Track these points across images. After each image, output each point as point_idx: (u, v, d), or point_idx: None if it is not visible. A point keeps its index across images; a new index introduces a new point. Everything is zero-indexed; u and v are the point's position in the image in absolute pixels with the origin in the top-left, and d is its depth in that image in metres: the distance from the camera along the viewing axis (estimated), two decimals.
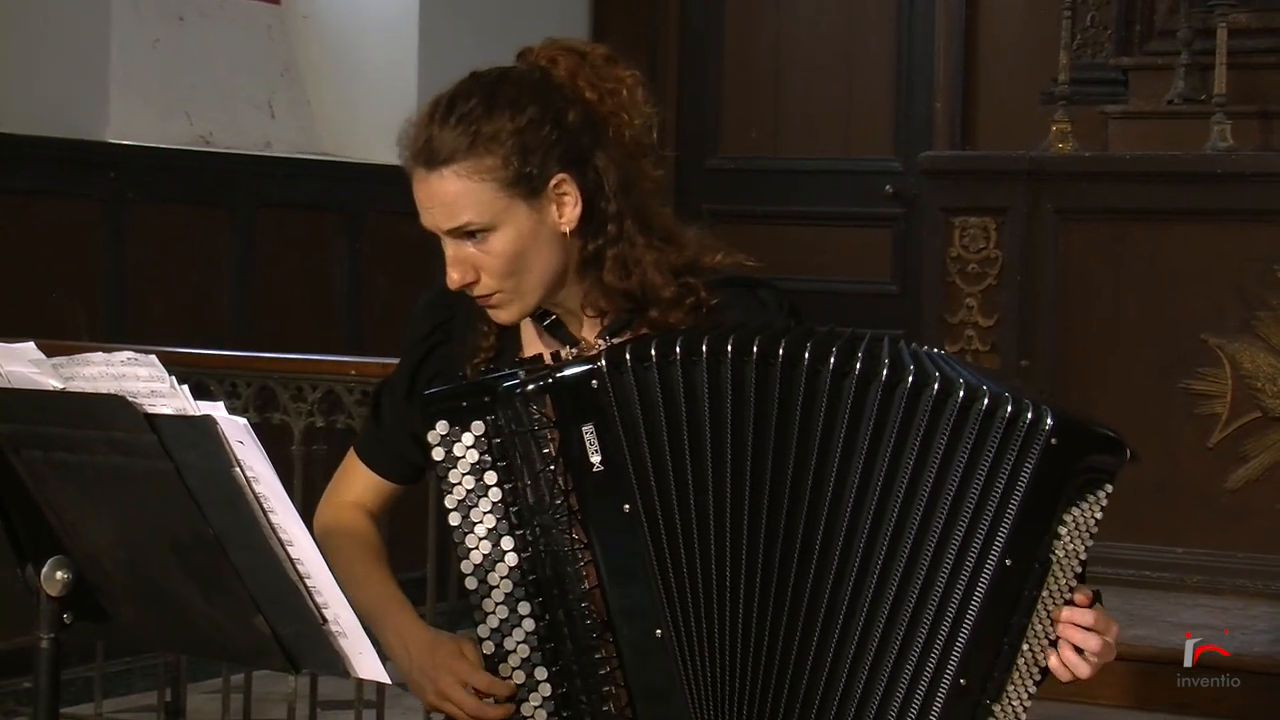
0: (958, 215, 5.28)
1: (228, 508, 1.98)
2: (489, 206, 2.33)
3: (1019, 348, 5.15)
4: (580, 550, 2.25)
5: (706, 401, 2.24)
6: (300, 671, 2.17)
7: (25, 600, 2.11)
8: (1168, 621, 4.53)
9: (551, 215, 2.35)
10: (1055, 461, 2.21)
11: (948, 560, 2.23)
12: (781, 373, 2.24)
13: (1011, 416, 2.21)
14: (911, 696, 2.24)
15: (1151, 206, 5.12)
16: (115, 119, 5.68)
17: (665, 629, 2.25)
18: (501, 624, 2.28)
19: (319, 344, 5.49)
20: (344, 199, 6.30)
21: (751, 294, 2.46)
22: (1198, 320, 5.01)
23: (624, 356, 2.26)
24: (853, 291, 6.90)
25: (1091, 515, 2.26)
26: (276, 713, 4.61)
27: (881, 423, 2.23)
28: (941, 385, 2.22)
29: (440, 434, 2.29)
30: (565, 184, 2.35)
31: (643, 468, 2.25)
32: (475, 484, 2.28)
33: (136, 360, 1.98)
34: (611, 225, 2.38)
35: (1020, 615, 2.24)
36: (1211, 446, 4.98)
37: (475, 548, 2.27)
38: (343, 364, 4.39)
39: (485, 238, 2.34)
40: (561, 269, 2.39)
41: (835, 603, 2.25)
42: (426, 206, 2.37)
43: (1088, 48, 6.01)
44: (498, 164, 2.32)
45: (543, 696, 2.27)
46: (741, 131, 7.36)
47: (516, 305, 2.40)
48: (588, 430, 2.25)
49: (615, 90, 2.41)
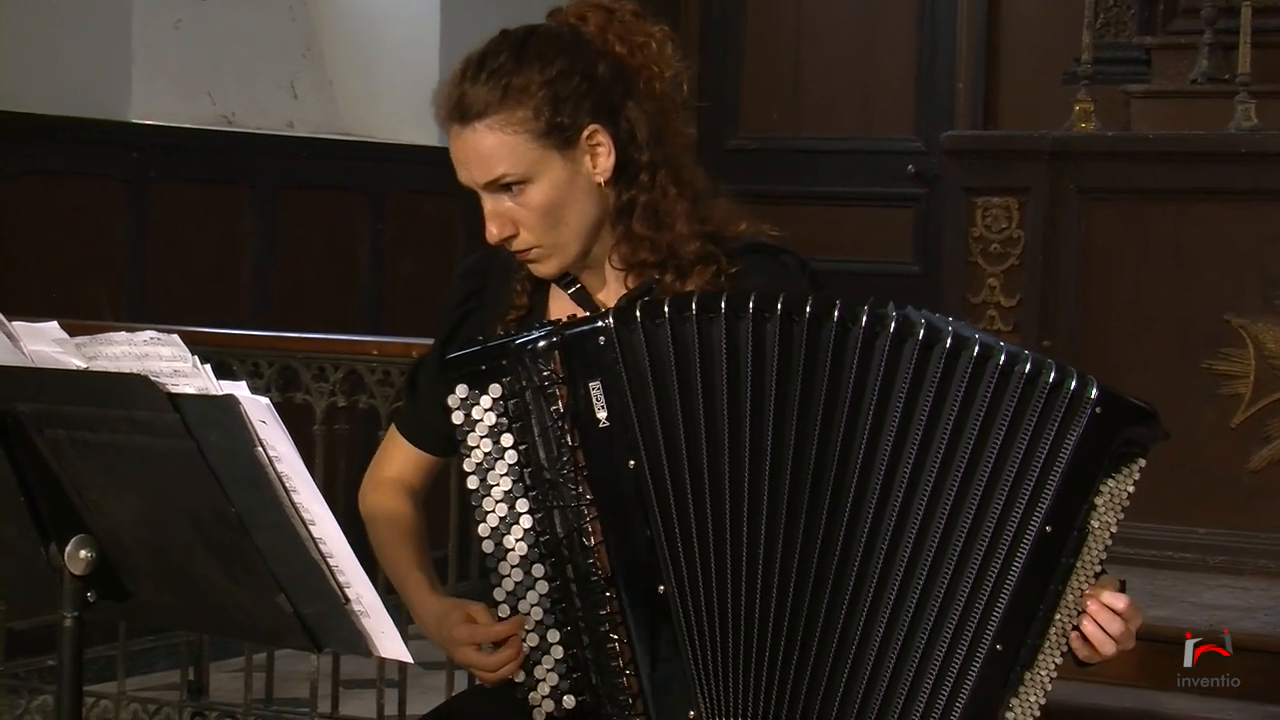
0: (980, 195, 5.25)
1: (250, 487, 1.98)
2: (523, 158, 2.35)
3: (1041, 328, 5.13)
4: (586, 506, 2.26)
5: (724, 358, 2.23)
6: (322, 651, 2.17)
7: (49, 579, 2.12)
8: (1190, 602, 4.51)
9: (586, 166, 2.39)
10: (1098, 430, 2.21)
11: (988, 524, 2.22)
12: (808, 330, 2.23)
13: (1055, 383, 2.21)
14: (949, 661, 2.23)
15: (1174, 186, 5.09)
16: (138, 99, 5.69)
17: (668, 585, 2.25)
18: (516, 587, 2.29)
19: (341, 324, 5.51)
20: (366, 179, 6.30)
21: (773, 259, 2.47)
22: (1220, 300, 4.99)
23: (634, 314, 2.26)
24: (874, 272, 6.89)
25: (1124, 489, 2.26)
26: (299, 691, 4.62)
27: (918, 382, 2.22)
28: (981, 348, 2.22)
29: (460, 397, 2.31)
30: (598, 134, 2.38)
31: (650, 424, 2.25)
32: (493, 446, 2.29)
33: (159, 340, 1.99)
34: (644, 174, 2.41)
35: (1056, 583, 2.23)
36: (1234, 427, 4.95)
37: (492, 510, 2.29)
38: (365, 344, 4.40)
39: (522, 190, 2.37)
40: (598, 220, 2.41)
41: (865, 564, 2.24)
42: (462, 162, 2.40)
43: (1111, 27, 5.98)
44: (529, 116, 2.35)
45: (554, 659, 2.28)
46: (763, 112, 7.35)
47: (556, 258, 2.42)
48: (594, 386, 2.26)
49: (645, 44, 2.45)
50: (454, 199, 6.47)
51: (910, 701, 2.24)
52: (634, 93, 2.42)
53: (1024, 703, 2.25)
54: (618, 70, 2.41)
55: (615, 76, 2.41)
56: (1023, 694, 2.25)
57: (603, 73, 2.40)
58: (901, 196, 7.13)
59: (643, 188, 2.41)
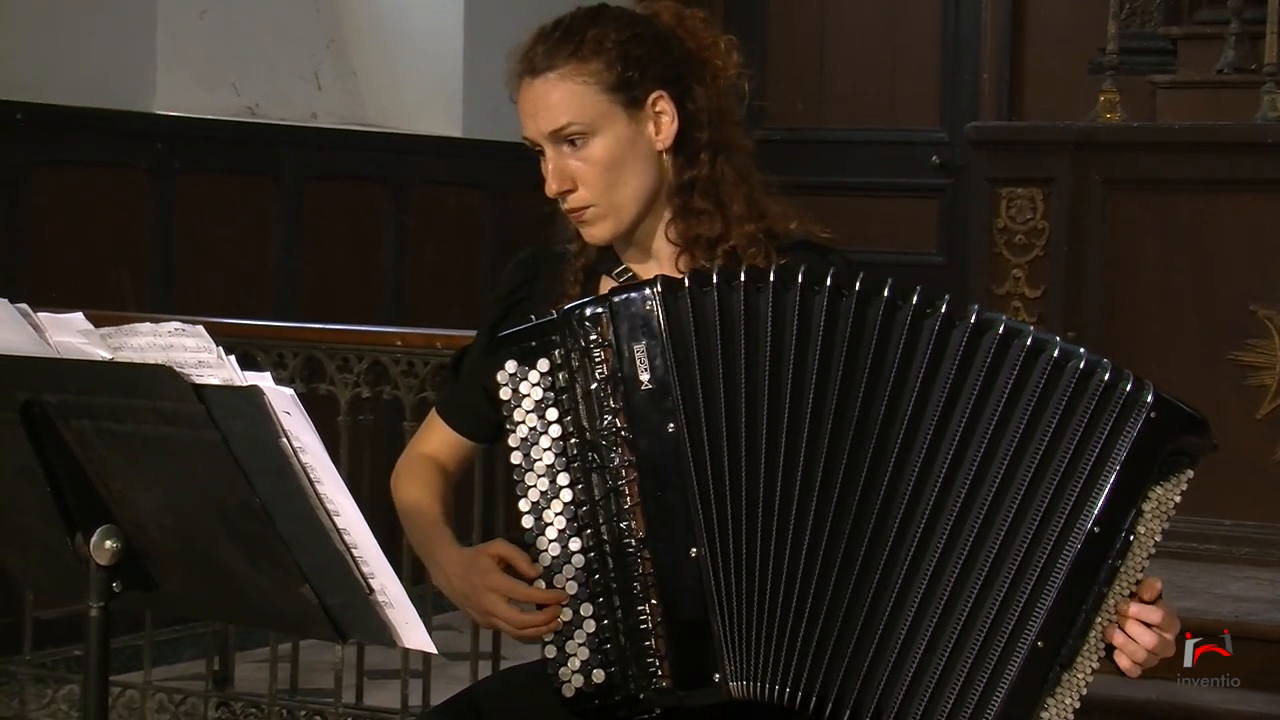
0: (1005, 186, 5.24)
1: (274, 477, 1.99)
2: (590, 109, 2.40)
3: (1066, 319, 5.11)
4: (626, 468, 2.27)
5: (769, 327, 2.25)
6: (347, 641, 2.18)
7: (75, 569, 2.13)
8: (1215, 594, 4.50)
9: (649, 131, 2.43)
10: (1152, 435, 2.19)
11: (1033, 517, 2.21)
12: (856, 306, 2.24)
13: (1110, 383, 2.20)
14: (986, 652, 2.21)
15: (1200, 177, 5.07)
16: (162, 90, 5.70)
17: (700, 548, 2.26)
18: (554, 561, 2.31)
19: (365, 315, 5.51)
20: (390, 170, 6.31)
21: (821, 257, 2.48)
22: (1246, 291, 4.97)
23: (681, 282, 2.29)
24: (899, 262, 6.86)
25: (1171, 498, 2.24)
26: (324, 682, 4.63)
27: (965, 367, 2.22)
28: (1035, 340, 2.21)
29: (509, 373, 2.33)
30: (663, 101, 2.43)
31: (691, 390, 2.27)
32: (538, 421, 2.32)
33: (184, 331, 1.99)
34: (705, 154, 2.46)
35: (1101, 584, 2.21)
36: (1260, 418, 4.93)
37: (534, 485, 2.31)
38: (388, 335, 4.41)
39: (584, 143, 2.41)
40: (654, 188, 2.45)
41: (899, 541, 2.23)
42: (529, 114, 2.44)
43: (1136, 17, 5.96)
44: (601, 68, 2.40)
45: (587, 633, 2.29)
46: (787, 102, 7.34)
47: (610, 221, 2.45)
48: (639, 349, 2.28)
49: (714, 44, 2.52)
50: (478, 190, 6.51)
51: (941, 688, 2.23)
52: (702, 79, 2.48)
53: (1059, 704, 2.23)
54: (688, 54, 2.48)
55: (686, 59, 2.48)
56: (1059, 695, 2.23)
57: (675, 49, 2.47)
58: (926, 187, 7.12)
59: (703, 166, 2.46)
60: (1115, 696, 3.94)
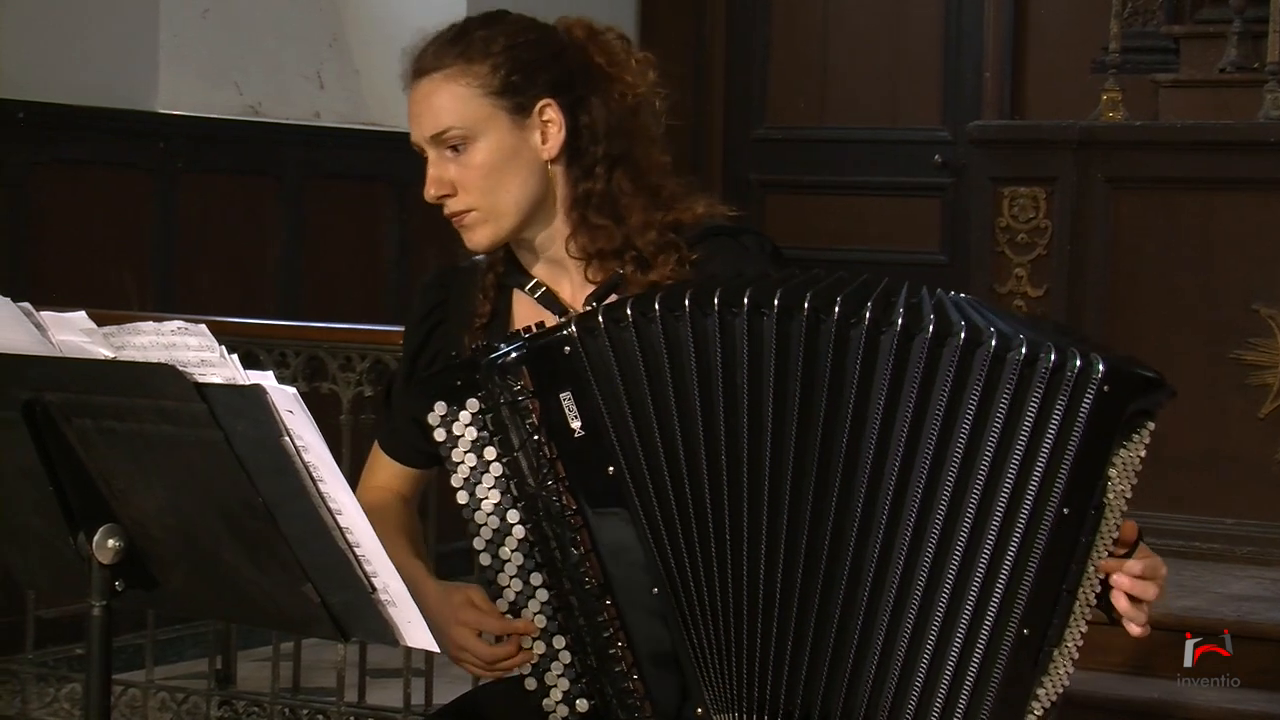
0: (1007, 185, 5.24)
1: (277, 476, 1.99)
2: (472, 113, 2.38)
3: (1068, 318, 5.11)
4: (572, 516, 2.24)
5: (692, 357, 2.22)
6: (349, 640, 2.18)
7: (77, 568, 2.13)
8: (1216, 593, 4.50)
9: (534, 140, 2.40)
10: (1107, 408, 2.19)
11: (996, 513, 2.20)
12: (778, 323, 2.20)
13: (1056, 365, 2.18)
14: (969, 649, 2.21)
15: (1202, 176, 5.08)
16: (165, 89, 5.71)
17: (661, 587, 2.24)
18: (518, 597, 2.28)
19: (367, 314, 5.51)
20: (392, 169, 6.30)
21: (734, 240, 2.46)
22: (1249, 290, 4.97)
23: (596, 320, 2.24)
24: (901, 261, 6.87)
25: (1137, 454, 2.24)
26: (326, 681, 4.63)
27: (899, 374, 2.19)
28: (969, 334, 2.19)
29: (439, 415, 2.28)
30: (551, 109, 2.39)
31: (625, 429, 2.23)
32: (477, 461, 2.27)
33: (186, 330, 1.99)
34: (600, 168, 2.41)
35: (1077, 561, 2.22)
36: (1262, 417, 4.94)
37: (484, 524, 2.27)
38: (391, 333, 4.40)
39: (466, 149, 2.39)
40: (537, 198, 2.41)
41: (859, 555, 2.21)
42: (415, 115, 2.43)
43: (1138, 16, 5.96)
44: (486, 71, 2.37)
45: (563, 665, 2.28)
46: (789, 101, 7.33)
47: (490, 226, 2.43)
48: (565, 397, 2.24)
49: (624, 61, 2.45)
50: None
51: (929, 690, 2.23)
52: (602, 93, 2.43)
53: (1053, 677, 2.25)
54: (588, 68, 2.43)
55: (583, 70, 2.42)
56: (1052, 670, 2.24)
57: (572, 60, 2.42)
58: (928, 186, 7.11)
59: (598, 179, 2.41)
60: (1115, 696, 3.95)
